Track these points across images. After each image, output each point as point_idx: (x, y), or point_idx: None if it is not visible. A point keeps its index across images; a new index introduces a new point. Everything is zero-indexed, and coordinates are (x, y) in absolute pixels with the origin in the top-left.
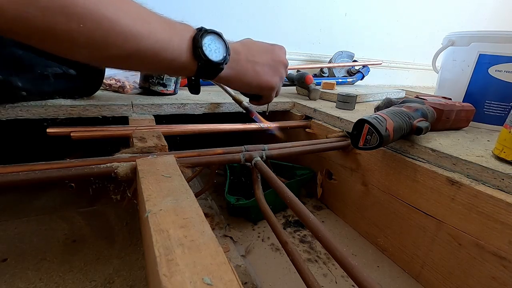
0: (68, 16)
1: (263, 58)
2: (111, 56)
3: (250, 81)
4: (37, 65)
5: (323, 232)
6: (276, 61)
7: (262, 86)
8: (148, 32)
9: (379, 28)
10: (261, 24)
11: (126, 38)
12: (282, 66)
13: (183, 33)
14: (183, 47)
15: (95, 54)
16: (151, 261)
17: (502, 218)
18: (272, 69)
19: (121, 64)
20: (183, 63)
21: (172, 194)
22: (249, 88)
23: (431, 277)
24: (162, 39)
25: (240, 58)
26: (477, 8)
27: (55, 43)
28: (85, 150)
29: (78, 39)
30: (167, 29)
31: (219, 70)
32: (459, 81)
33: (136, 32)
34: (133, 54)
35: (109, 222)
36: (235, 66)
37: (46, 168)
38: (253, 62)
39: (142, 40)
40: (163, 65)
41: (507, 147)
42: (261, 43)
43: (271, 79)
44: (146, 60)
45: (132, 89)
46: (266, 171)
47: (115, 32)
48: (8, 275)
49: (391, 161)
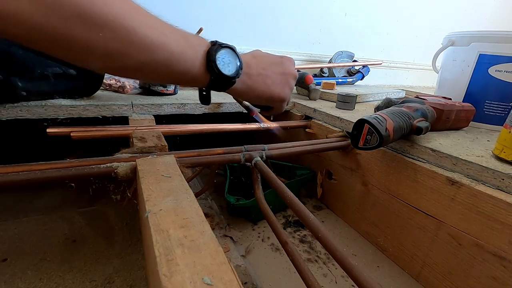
0: (88, 25)
1: (273, 71)
2: (126, 66)
3: (261, 94)
4: (37, 65)
5: (323, 232)
6: (286, 73)
7: (273, 98)
8: (163, 43)
9: (379, 28)
10: (261, 24)
11: (142, 48)
12: (292, 78)
13: (198, 47)
14: (197, 60)
15: (110, 63)
16: (151, 261)
17: (502, 218)
18: (282, 81)
19: (133, 74)
20: (195, 76)
21: (172, 194)
22: (260, 100)
23: (431, 277)
24: (176, 51)
25: (251, 71)
26: (477, 8)
27: (73, 52)
28: (85, 150)
29: (96, 48)
30: (182, 41)
31: (231, 84)
32: (459, 81)
33: (151, 43)
34: (146, 64)
35: (109, 222)
36: (246, 80)
37: (46, 168)
38: (264, 75)
39: (156, 51)
40: (175, 76)
41: (507, 147)
42: (271, 56)
43: (281, 91)
44: (158, 71)
45: (132, 89)
46: (266, 171)
47: (131, 42)
48: (8, 275)
49: (391, 161)
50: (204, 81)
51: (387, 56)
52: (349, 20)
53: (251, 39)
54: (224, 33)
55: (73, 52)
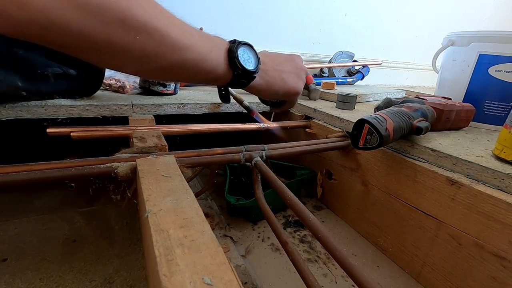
0: (127, 28)
1: (287, 67)
2: (158, 67)
3: (278, 89)
4: (37, 65)
5: (323, 232)
6: (298, 68)
7: (290, 92)
8: (192, 44)
9: (379, 28)
10: (261, 24)
11: (174, 49)
12: (304, 73)
13: (220, 46)
14: (221, 58)
15: (145, 65)
16: (151, 261)
17: (502, 218)
18: (296, 75)
19: (165, 75)
20: (219, 73)
21: (172, 194)
22: (277, 95)
23: (431, 277)
24: (203, 51)
25: (267, 67)
26: (477, 8)
27: (111, 56)
28: (85, 150)
29: (133, 51)
30: (207, 41)
31: (252, 78)
32: (459, 81)
33: (183, 45)
34: (177, 65)
35: (109, 222)
36: (264, 75)
37: (46, 168)
38: (279, 71)
39: (186, 52)
40: (201, 75)
41: (507, 147)
42: (281, 54)
43: (296, 85)
44: (187, 71)
45: (132, 89)
46: (266, 171)
47: (165, 44)
48: (8, 275)
49: (391, 161)
50: (227, 78)
51: (387, 56)
52: (349, 20)
53: (251, 39)
54: (224, 34)
55: (110, 57)
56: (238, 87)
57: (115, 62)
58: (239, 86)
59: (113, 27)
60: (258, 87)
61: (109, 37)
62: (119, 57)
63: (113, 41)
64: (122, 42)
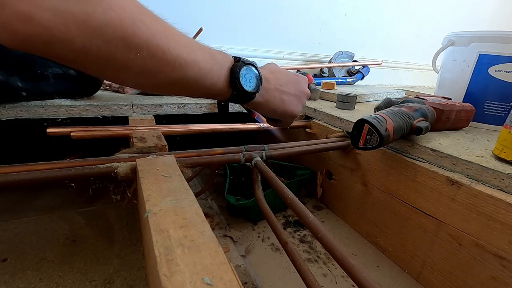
0: (128, 46)
1: (290, 89)
2: (159, 82)
3: (276, 108)
4: (37, 65)
5: (323, 232)
6: (301, 91)
7: (286, 114)
8: (193, 61)
9: (379, 28)
10: (261, 24)
11: (175, 66)
12: (305, 97)
13: (222, 63)
14: (222, 76)
15: (145, 80)
16: (151, 261)
17: (502, 218)
18: (297, 99)
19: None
20: (219, 90)
21: (172, 194)
22: (274, 114)
23: (431, 277)
24: (204, 68)
25: (269, 87)
26: (477, 8)
27: (112, 72)
28: (85, 150)
29: (133, 67)
30: (209, 58)
31: (251, 98)
32: (459, 81)
33: (184, 61)
34: (178, 81)
35: (109, 222)
36: (264, 94)
37: (46, 168)
38: (280, 91)
39: (187, 69)
40: (201, 91)
41: (507, 147)
42: (287, 73)
43: (295, 108)
44: (187, 87)
45: (132, 89)
46: (266, 171)
47: (166, 61)
48: (8, 275)
49: (391, 161)
50: (227, 95)
51: (387, 56)
52: (349, 20)
53: (251, 39)
54: (224, 34)
55: (111, 72)
56: (237, 103)
57: (115, 76)
58: (238, 102)
59: (114, 45)
60: (256, 104)
61: (111, 53)
62: (120, 72)
63: (114, 58)
64: (123, 59)
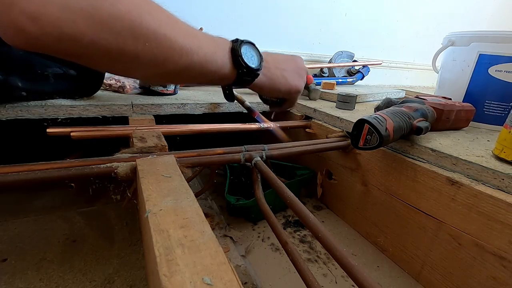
0: (137, 37)
1: (288, 66)
2: (168, 71)
3: (281, 86)
4: (37, 65)
5: (323, 232)
6: (299, 67)
7: (291, 89)
8: (198, 47)
9: (379, 28)
10: (261, 24)
11: (181, 53)
12: (304, 72)
13: (223, 46)
14: (225, 57)
15: (153, 70)
16: (151, 261)
17: (502, 218)
18: (297, 74)
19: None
20: (225, 73)
21: (172, 194)
22: (279, 92)
23: (431, 277)
24: (208, 53)
25: (269, 66)
26: (477, 8)
27: (122, 64)
28: (85, 150)
29: (143, 58)
30: (211, 43)
31: (255, 75)
32: (459, 81)
33: (190, 48)
34: (185, 68)
35: (109, 222)
36: (267, 73)
37: (46, 168)
38: (281, 69)
39: (193, 55)
40: (208, 76)
41: (507, 147)
42: (282, 54)
43: (297, 82)
44: (195, 72)
45: (132, 89)
46: (266, 171)
47: (173, 49)
48: (8, 275)
49: (391, 161)
50: (232, 77)
51: (387, 56)
52: (349, 20)
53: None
54: (224, 34)
55: (121, 63)
56: (242, 86)
57: (125, 68)
58: (243, 84)
59: (123, 36)
60: (261, 84)
61: (120, 46)
62: (129, 64)
63: (124, 49)
64: (132, 50)
